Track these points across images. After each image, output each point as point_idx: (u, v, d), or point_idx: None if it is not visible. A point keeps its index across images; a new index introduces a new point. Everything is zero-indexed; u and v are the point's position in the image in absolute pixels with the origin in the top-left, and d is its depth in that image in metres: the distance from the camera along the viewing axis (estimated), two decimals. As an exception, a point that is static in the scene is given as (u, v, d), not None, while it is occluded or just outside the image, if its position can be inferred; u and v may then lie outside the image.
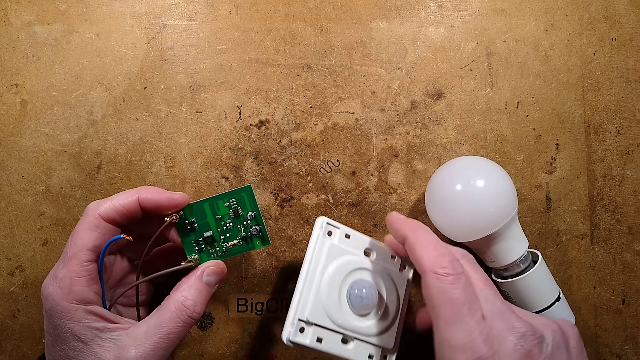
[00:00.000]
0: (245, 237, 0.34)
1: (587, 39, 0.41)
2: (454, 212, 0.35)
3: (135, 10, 0.41)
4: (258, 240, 0.34)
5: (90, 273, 0.30)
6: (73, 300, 0.29)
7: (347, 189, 0.40)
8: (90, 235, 0.30)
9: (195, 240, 0.34)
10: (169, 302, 0.31)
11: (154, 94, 0.40)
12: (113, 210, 0.31)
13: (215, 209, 0.34)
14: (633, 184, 0.40)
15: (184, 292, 0.32)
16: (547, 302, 0.36)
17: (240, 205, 0.34)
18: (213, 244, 0.34)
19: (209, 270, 0.33)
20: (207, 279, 0.33)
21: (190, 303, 0.31)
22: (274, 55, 0.41)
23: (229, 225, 0.34)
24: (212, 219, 0.34)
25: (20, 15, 0.40)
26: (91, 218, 0.31)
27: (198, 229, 0.34)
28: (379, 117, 0.40)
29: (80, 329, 0.29)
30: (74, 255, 0.30)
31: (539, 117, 0.40)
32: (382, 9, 0.41)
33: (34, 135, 0.40)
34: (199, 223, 0.34)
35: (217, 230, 0.34)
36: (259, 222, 0.34)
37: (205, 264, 0.33)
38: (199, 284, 0.32)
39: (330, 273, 0.33)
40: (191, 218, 0.33)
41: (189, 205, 0.33)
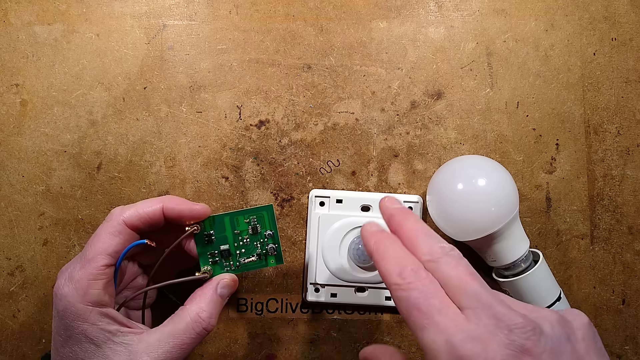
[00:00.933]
0: (260, 254, 0.35)
1: (587, 39, 0.41)
2: (455, 211, 0.35)
3: (135, 10, 0.41)
4: (272, 258, 0.35)
5: (107, 277, 0.30)
6: (88, 302, 0.29)
7: (347, 189, 0.40)
8: (112, 240, 0.31)
9: (211, 252, 0.34)
10: (184, 312, 0.31)
11: (154, 94, 0.40)
12: (137, 218, 0.31)
13: (235, 224, 0.34)
14: (633, 184, 0.40)
15: (200, 304, 0.32)
16: (547, 301, 0.36)
17: (260, 223, 0.34)
18: (228, 257, 0.34)
19: (223, 282, 0.33)
20: (220, 291, 0.33)
21: (205, 315, 0.31)
22: (274, 55, 0.41)
23: (246, 241, 0.34)
24: (230, 233, 0.34)
25: (20, 15, 0.40)
26: (115, 223, 0.31)
27: (215, 242, 0.34)
28: (379, 117, 0.40)
29: (94, 331, 0.29)
30: (92, 258, 0.30)
31: (539, 117, 0.40)
32: (382, 9, 0.41)
33: (34, 135, 0.40)
34: (217, 236, 0.34)
35: (234, 245, 0.34)
36: (276, 241, 0.35)
37: (220, 277, 0.33)
38: (214, 296, 0.32)
39: (327, 239, 0.39)
40: (210, 230, 0.34)
41: (210, 218, 0.34)
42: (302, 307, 0.40)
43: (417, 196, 0.40)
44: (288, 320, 0.40)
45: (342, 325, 0.40)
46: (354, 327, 0.40)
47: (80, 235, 0.40)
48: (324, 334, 0.40)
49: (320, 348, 0.40)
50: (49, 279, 0.39)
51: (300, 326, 0.40)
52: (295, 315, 0.40)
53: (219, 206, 0.40)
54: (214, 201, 0.40)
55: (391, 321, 0.40)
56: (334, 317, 0.40)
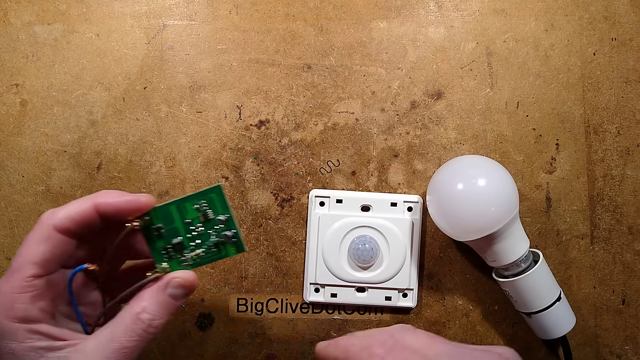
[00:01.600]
0: (217, 243, 0.31)
1: (587, 39, 0.41)
2: (456, 211, 0.35)
3: (135, 10, 0.41)
4: (232, 247, 0.31)
5: (35, 289, 0.27)
6: (14, 318, 0.26)
7: (347, 189, 0.40)
8: (38, 248, 0.27)
9: (164, 247, 0.30)
10: (124, 313, 0.28)
11: (154, 94, 0.40)
12: (68, 220, 0.28)
13: (184, 212, 0.30)
14: (633, 184, 0.40)
15: (143, 304, 0.28)
16: (547, 301, 0.36)
17: (211, 208, 0.30)
18: (182, 251, 0.31)
19: (174, 282, 0.29)
20: (172, 291, 0.29)
21: (147, 317, 0.28)
22: (274, 55, 0.41)
23: (200, 230, 0.30)
24: (180, 223, 0.30)
25: (20, 15, 0.40)
26: (42, 229, 0.28)
27: (166, 235, 0.30)
28: (379, 117, 0.40)
29: (23, 350, 0.26)
30: (18, 269, 0.27)
31: (539, 117, 0.40)
32: (382, 9, 0.41)
33: (34, 135, 0.40)
34: (167, 228, 0.30)
35: (187, 237, 0.30)
36: (232, 227, 0.30)
37: (172, 275, 0.29)
38: (160, 296, 0.29)
39: (327, 239, 0.39)
40: (157, 223, 0.30)
41: (154, 209, 0.30)
42: (302, 307, 0.40)
43: (417, 196, 0.40)
44: (288, 320, 0.40)
45: (342, 325, 0.40)
46: (354, 327, 0.40)
47: (80, 235, 0.40)
48: (324, 334, 0.40)
49: (320, 348, 0.40)
50: (49, 279, 0.39)
51: (300, 326, 0.40)
52: (295, 315, 0.40)
53: (219, 206, 0.40)
54: (214, 201, 0.40)
55: (391, 321, 0.40)
56: (334, 317, 0.40)
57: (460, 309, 0.40)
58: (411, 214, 0.39)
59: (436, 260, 0.40)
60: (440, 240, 0.40)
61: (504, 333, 0.40)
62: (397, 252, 0.39)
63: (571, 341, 0.39)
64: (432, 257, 0.40)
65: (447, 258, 0.40)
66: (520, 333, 0.40)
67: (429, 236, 0.40)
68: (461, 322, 0.40)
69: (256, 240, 0.40)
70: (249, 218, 0.40)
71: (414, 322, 0.40)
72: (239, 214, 0.40)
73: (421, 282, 0.40)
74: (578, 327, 0.39)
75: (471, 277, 0.40)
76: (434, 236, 0.40)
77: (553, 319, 0.36)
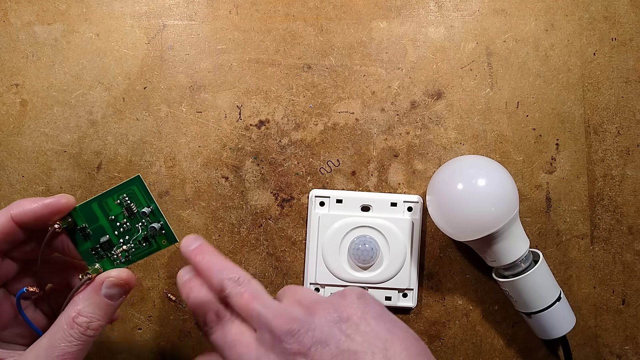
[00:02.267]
0: (147, 237, 0.30)
1: (587, 39, 0.41)
2: (455, 211, 0.35)
3: (135, 10, 0.41)
4: (163, 238, 0.30)
5: None
6: None
7: (347, 189, 0.40)
8: None
9: (92, 247, 0.29)
10: (60, 319, 0.27)
11: (154, 94, 0.40)
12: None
13: (106, 209, 0.29)
14: (633, 184, 0.40)
15: (77, 307, 0.27)
16: (548, 301, 0.36)
17: (134, 201, 0.29)
18: (112, 249, 0.29)
19: (108, 282, 0.28)
20: (106, 291, 0.28)
21: (83, 320, 0.27)
22: (274, 55, 0.41)
23: (126, 226, 0.29)
24: (105, 221, 0.29)
25: (20, 15, 0.40)
26: None
27: (93, 235, 0.29)
28: (379, 117, 0.40)
29: None
30: None
31: (539, 117, 0.40)
32: (382, 9, 0.41)
33: (34, 135, 0.40)
34: (92, 228, 0.29)
35: (115, 234, 0.29)
36: (159, 218, 0.29)
37: (105, 274, 0.28)
38: (95, 297, 0.28)
39: (328, 239, 0.39)
40: (82, 224, 0.29)
41: (75, 209, 0.29)
42: (302, 307, 0.40)
43: (417, 196, 0.40)
44: (288, 320, 0.40)
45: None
46: (354, 327, 0.40)
47: (80, 235, 0.40)
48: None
49: (320, 348, 0.40)
50: (49, 279, 0.39)
51: (300, 326, 0.40)
52: (295, 315, 0.40)
53: (219, 206, 0.40)
54: (214, 201, 0.40)
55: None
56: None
57: (460, 309, 0.40)
58: (411, 214, 0.39)
59: (436, 260, 0.40)
60: (440, 240, 0.40)
61: (504, 333, 0.40)
62: (397, 252, 0.39)
63: (571, 341, 0.39)
64: (432, 257, 0.40)
65: (447, 258, 0.40)
66: (520, 333, 0.40)
67: (429, 236, 0.40)
68: (461, 322, 0.40)
69: (256, 240, 0.40)
70: (249, 218, 0.40)
71: (414, 322, 0.40)
72: (239, 214, 0.40)
73: (421, 282, 0.40)
74: (578, 327, 0.39)
75: (471, 277, 0.40)
76: (434, 236, 0.40)
77: (553, 319, 0.36)
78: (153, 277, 0.40)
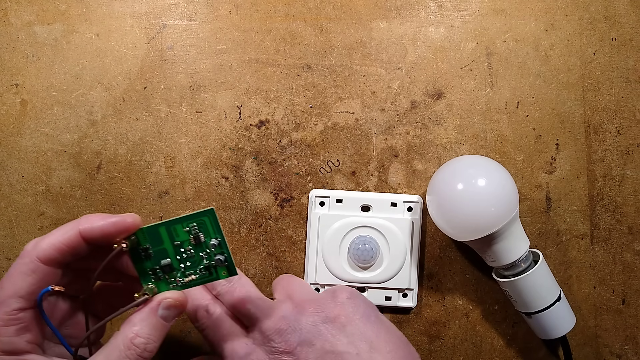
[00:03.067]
0: (209, 266, 0.30)
1: (587, 39, 0.41)
2: (455, 211, 0.35)
3: (135, 10, 0.41)
4: (224, 270, 0.30)
5: (21, 321, 0.27)
6: (0, 350, 0.26)
7: (347, 189, 0.40)
8: (24, 281, 0.27)
9: (151, 268, 0.30)
10: (117, 339, 0.27)
11: (154, 94, 0.40)
12: (53, 250, 0.27)
13: (174, 234, 0.29)
14: (633, 184, 0.40)
15: (135, 328, 0.27)
16: (547, 301, 0.36)
17: (202, 231, 0.29)
18: (172, 272, 0.30)
19: (165, 303, 0.28)
20: (163, 312, 0.28)
21: (140, 341, 0.27)
22: (274, 55, 0.41)
23: (190, 253, 0.30)
24: (169, 245, 0.29)
25: (20, 15, 0.40)
26: (27, 261, 0.27)
27: (154, 257, 0.29)
28: (379, 117, 0.40)
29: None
30: (3, 301, 0.26)
31: (539, 117, 0.40)
32: (382, 9, 0.41)
33: (34, 135, 0.40)
34: (155, 249, 0.29)
35: (177, 259, 0.30)
36: (225, 251, 0.29)
37: (162, 295, 0.29)
38: (152, 318, 0.28)
39: (328, 239, 0.39)
40: (145, 244, 0.29)
41: (140, 230, 0.29)
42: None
43: (417, 196, 0.40)
44: (288, 320, 0.40)
45: (342, 325, 0.40)
46: (354, 327, 0.40)
47: (80, 235, 0.40)
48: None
49: (320, 348, 0.40)
50: (49, 279, 0.39)
51: (300, 326, 0.40)
52: (295, 315, 0.40)
53: (219, 206, 0.40)
54: (214, 201, 0.40)
55: (392, 321, 0.40)
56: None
57: (460, 309, 0.40)
58: (411, 214, 0.39)
59: (436, 260, 0.40)
60: (440, 240, 0.40)
61: (504, 333, 0.40)
62: (397, 252, 0.39)
63: (571, 341, 0.39)
64: (432, 257, 0.40)
65: (447, 258, 0.40)
66: (520, 333, 0.40)
67: (429, 236, 0.40)
68: (461, 322, 0.40)
69: (256, 240, 0.40)
70: (249, 218, 0.40)
71: (414, 322, 0.40)
72: (239, 214, 0.40)
73: (421, 282, 0.40)
74: (578, 327, 0.39)
75: (471, 277, 0.40)
76: (434, 236, 0.40)
77: (553, 319, 0.36)
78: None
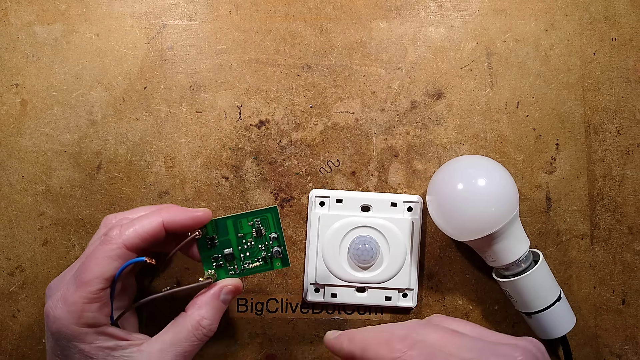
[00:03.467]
0: (265, 257, 0.34)
1: (587, 39, 0.41)
2: (456, 211, 0.35)
3: (135, 10, 0.41)
4: (278, 261, 0.34)
5: (103, 299, 0.30)
6: (83, 324, 0.29)
7: (347, 189, 0.40)
8: (110, 265, 0.30)
9: (214, 256, 0.34)
10: (185, 320, 0.31)
11: (154, 94, 0.40)
12: (138, 239, 0.30)
13: (238, 227, 0.34)
14: (633, 184, 0.40)
15: (202, 311, 0.32)
16: (548, 301, 0.36)
17: (264, 226, 0.34)
18: (232, 261, 0.34)
19: (227, 289, 0.33)
20: (223, 297, 0.33)
21: (207, 322, 0.31)
22: (274, 55, 0.41)
23: (250, 244, 0.34)
24: (234, 236, 0.34)
25: (20, 15, 0.40)
26: (114, 246, 0.30)
27: (218, 246, 0.34)
28: (379, 117, 0.40)
29: (92, 350, 0.29)
30: (89, 281, 0.29)
31: (539, 117, 0.40)
32: (382, 9, 0.41)
33: (34, 135, 0.40)
34: (220, 239, 0.34)
35: (238, 249, 0.34)
36: (281, 244, 0.34)
37: (223, 282, 0.33)
38: (216, 302, 0.32)
39: (328, 239, 0.39)
40: (213, 234, 0.33)
41: (212, 222, 0.33)
42: (302, 307, 0.40)
43: (417, 196, 0.40)
44: (288, 320, 0.40)
45: (342, 325, 0.40)
46: (354, 327, 0.40)
47: (80, 235, 0.40)
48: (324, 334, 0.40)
49: (320, 348, 0.40)
50: (49, 279, 0.39)
51: (300, 326, 0.40)
52: (295, 315, 0.40)
53: (219, 206, 0.40)
54: (214, 201, 0.40)
55: (391, 321, 0.40)
56: (334, 317, 0.40)
57: (460, 309, 0.40)
58: (411, 214, 0.39)
59: (436, 260, 0.40)
60: (440, 240, 0.40)
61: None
62: (397, 252, 0.39)
63: (571, 341, 0.39)
64: (432, 257, 0.40)
65: (447, 258, 0.40)
66: (520, 333, 0.40)
67: (429, 236, 0.40)
68: (461, 322, 0.40)
69: (256, 240, 0.40)
70: (249, 218, 0.40)
71: (414, 322, 0.40)
72: (239, 214, 0.40)
73: (421, 282, 0.40)
74: (578, 327, 0.39)
75: (471, 277, 0.40)
76: (434, 236, 0.40)
77: (553, 319, 0.36)
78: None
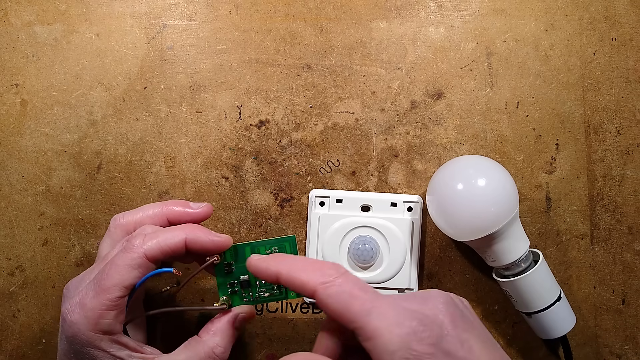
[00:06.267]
0: (280, 286, 0.34)
1: (587, 39, 0.41)
2: (455, 211, 0.35)
3: (135, 10, 0.41)
4: (293, 292, 0.34)
5: (120, 307, 0.30)
6: (99, 331, 0.29)
7: (347, 189, 0.40)
8: (130, 273, 0.30)
9: (230, 282, 0.34)
10: (199, 345, 0.31)
11: (154, 94, 0.40)
12: (159, 251, 0.31)
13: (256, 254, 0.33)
14: (633, 184, 0.40)
15: (216, 339, 0.32)
16: (547, 301, 0.36)
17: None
18: (248, 288, 0.34)
19: (241, 317, 0.33)
20: (237, 325, 0.33)
21: (220, 350, 0.31)
22: (274, 55, 0.41)
23: None
24: None
25: (20, 15, 0.40)
26: (135, 255, 0.30)
27: (235, 272, 0.33)
28: (379, 117, 0.40)
29: (105, 357, 0.29)
30: (108, 289, 0.29)
31: (539, 117, 0.40)
32: (382, 9, 0.41)
33: (34, 135, 0.40)
34: (237, 265, 0.33)
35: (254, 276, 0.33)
36: None
37: (238, 309, 0.33)
38: (230, 330, 0.32)
39: (327, 239, 0.39)
40: (230, 260, 0.33)
41: (232, 247, 0.33)
42: (302, 307, 0.40)
43: (417, 196, 0.40)
44: (288, 320, 0.40)
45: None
46: (354, 327, 0.40)
47: (80, 235, 0.40)
48: (324, 334, 0.40)
49: (320, 348, 0.40)
50: (49, 279, 0.39)
51: (300, 326, 0.40)
52: (295, 315, 0.40)
53: (219, 206, 0.40)
54: (214, 201, 0.40)
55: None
56: (334, 317, 0.40)
57: (460, 309, 0.40)
58: (411, 214, 0.39)
59: (436, 260, 0.40)
60: (440, 240, 0.40)
61: (504, 333, 0.40)
62: (397, 252, 0.39)
63: (571, 341, 0.39)
64: (432, 257, 0.40)
65: (447, 258, 0.40)
66: (520, 333, 0.40)
67: (429, 236, 0.40)
68: (461, 322, 0.40)
69: (256, 240, 0.40)
70: (249, 218, 0.40)
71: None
72: (239, 214, 0.40)
73: (421, 282, 0.40)
74: (578, 327, 0.39)
75: (471, 277, 0.40)
76: (434, 236, 0.40)
77: (553, 319, 0.36)
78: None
